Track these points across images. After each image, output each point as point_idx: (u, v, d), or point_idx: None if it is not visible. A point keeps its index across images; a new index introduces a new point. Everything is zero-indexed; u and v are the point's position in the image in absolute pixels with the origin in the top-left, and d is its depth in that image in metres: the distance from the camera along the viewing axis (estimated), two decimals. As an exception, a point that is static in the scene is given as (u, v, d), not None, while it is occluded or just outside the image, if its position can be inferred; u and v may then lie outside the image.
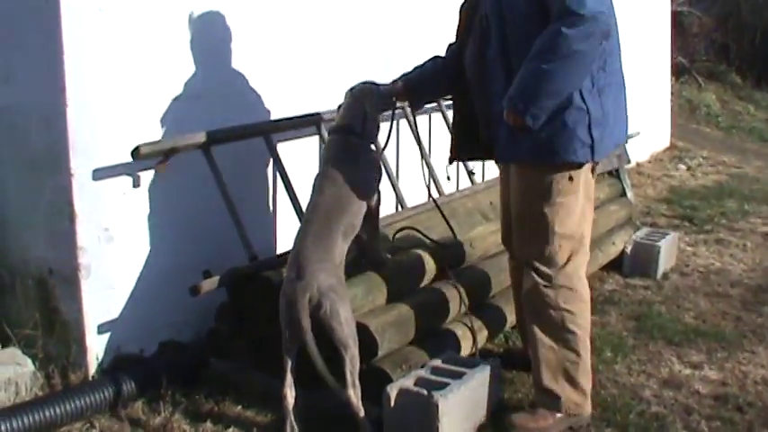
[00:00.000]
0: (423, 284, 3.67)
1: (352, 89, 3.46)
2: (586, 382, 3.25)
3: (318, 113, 4.03)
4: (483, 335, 3.65)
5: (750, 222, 6.55)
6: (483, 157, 3.73)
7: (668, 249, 5.16)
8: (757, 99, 13.66)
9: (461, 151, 3.50)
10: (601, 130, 3.05)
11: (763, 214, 6.83)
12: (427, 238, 3.78)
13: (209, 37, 3.69)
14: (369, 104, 3.38)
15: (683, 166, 8.68)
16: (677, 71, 11.94)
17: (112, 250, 3.39)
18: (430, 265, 3.69)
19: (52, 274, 3.39)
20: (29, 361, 3.33)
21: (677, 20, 11.02)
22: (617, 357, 3.87)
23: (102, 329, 3.39)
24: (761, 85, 14.57)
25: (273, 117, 3.90)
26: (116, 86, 3.34)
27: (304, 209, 3.68)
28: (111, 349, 3.42)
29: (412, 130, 3.94)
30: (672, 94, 10.03)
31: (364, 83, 3.48)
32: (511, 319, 3.83)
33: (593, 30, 2.88)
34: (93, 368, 3.37)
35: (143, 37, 3.43)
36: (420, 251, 3.71)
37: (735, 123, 12.05)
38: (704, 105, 12.31)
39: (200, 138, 3.52)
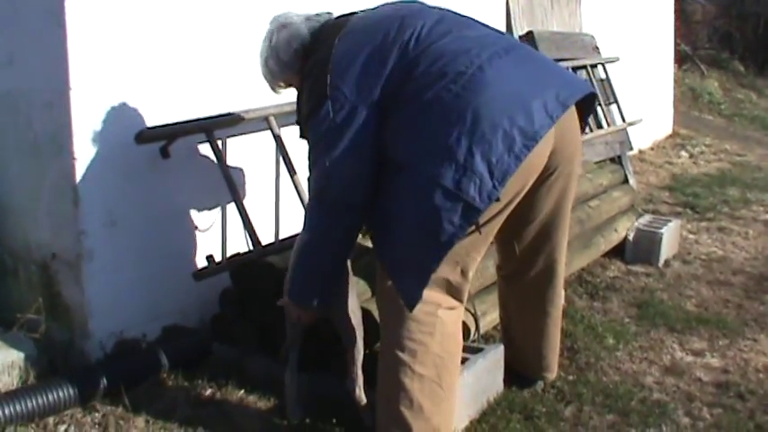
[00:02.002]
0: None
1: None
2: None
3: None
4: (486, 320, 3.64)
5: (752, 210, 6.56)
6: None
7: (670, 237, 5.16)
8: (760, 87, 13.68)
9: None
10: (469, 177, 2.48)
11: (766, 202, 6.85)
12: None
13: (215, 21, 3.68)
14: None
15: (685, 154, 8.68)
16: (680, 58, 11.92)
17: (115, 235, 3.38)
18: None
19: (55, 258, 3.38)
20: (32, 345, 3.33)
21: (680, 7, 10.98)
22: (619, 344, 3.88)
23: (104, 314, 3.37)
24: (763, 73, 14.60)
25: (277, 102, 3.87)
26: (120, 70, 3.33)
27: (306, 193, 3.69)
28: (114, 334, 3.40)
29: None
30: (674, 81, 10.01)
31: None
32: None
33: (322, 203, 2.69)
34: (95, 353, 3.36)
35: (147, 20, 3.41)
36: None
37: (737, 111, 12.06)
38: (707, 93, 12.32)
39: (203, 122, 3.52)
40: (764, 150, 9.45)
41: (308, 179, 2.77)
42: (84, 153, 3.24)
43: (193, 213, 3.65)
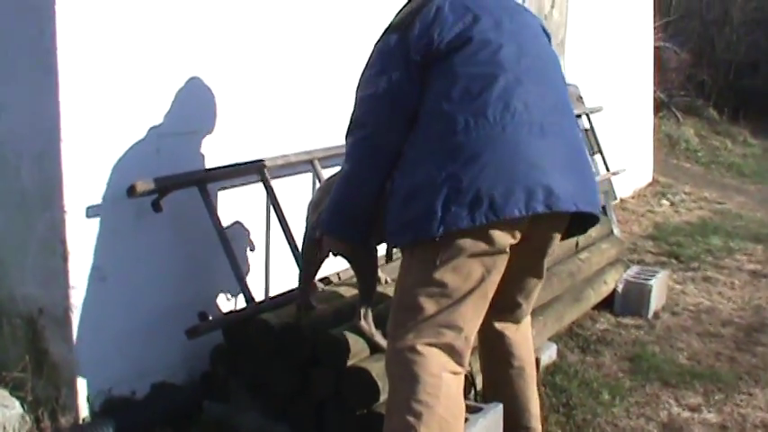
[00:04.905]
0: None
1: None
2: None
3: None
4: (479, 379, 3.58)
5: (736, 260, 6.56)
6: None
7: (659, 288, 5.14)
8: (734, 134, 13.84)
9: None
10: (431, 202, 2.54)
11: (749, 251, 6.85)
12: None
13: (206, 74, 3.64)
14: None
15: (666, 202, 8.71)
16: (657, 106, 12.03)
17: (105, 290, 3.29)
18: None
19: (42, 313, 3.29)
20: (17, 403, 3.22)
21: (657, 54, 11.11)
22: (615, 400, 3.82)
23: (92, 371, 3.28)
24: (737, 120, 14.76)
25: (269, 155, 3.83)
26: (111, 122, 3.27)
27: (299, 245, 3.64)
28: (103, 391, 3.31)
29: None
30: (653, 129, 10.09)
31: None
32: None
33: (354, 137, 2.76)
34: (83, 411, 3.26)
35: (139, 72, 3.36)
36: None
37: (714, 158, 12.17)
38: (683, 140, 12.43)
39: (196, 175, 3.46)
40: (743, 198, 9.52)
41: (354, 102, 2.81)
42: (74, 206, 3.17)
43: (184, 268, 3.58)
